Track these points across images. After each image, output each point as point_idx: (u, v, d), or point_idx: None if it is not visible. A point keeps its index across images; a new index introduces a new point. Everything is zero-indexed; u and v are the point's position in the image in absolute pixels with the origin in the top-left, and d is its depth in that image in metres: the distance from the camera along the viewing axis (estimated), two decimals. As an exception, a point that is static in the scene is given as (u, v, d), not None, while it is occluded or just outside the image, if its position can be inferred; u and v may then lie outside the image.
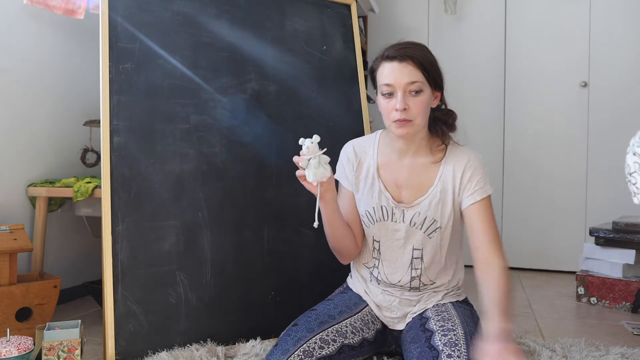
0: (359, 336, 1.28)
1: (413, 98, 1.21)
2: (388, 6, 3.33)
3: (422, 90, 1.21)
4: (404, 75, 1.20)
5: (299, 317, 1.31)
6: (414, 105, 1.21)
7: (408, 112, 1.21)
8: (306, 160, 1.17)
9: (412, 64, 1.20)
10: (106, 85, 1.53)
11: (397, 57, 1.21)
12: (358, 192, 1.39)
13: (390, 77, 1.22)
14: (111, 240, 1.46)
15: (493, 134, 3.07)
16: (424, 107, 1.22)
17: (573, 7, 2.92)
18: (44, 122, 2.13)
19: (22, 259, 1.98)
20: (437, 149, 1.32)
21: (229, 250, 1.63)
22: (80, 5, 2.13)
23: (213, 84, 1.68)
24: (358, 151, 1.40)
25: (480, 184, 1.27)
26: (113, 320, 1.42)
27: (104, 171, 1.49)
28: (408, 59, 1.20)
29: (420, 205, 1.30)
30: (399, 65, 1.21)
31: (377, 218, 1.35)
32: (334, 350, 1.20)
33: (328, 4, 1.97)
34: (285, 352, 1.16)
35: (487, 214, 1.26)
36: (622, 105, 2.82)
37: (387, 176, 1.34)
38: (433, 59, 1.25)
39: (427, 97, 1.23)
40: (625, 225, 2.22)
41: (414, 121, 1.22)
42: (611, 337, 1.78)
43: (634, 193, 1.12)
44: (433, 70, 1.23)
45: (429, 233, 1.32)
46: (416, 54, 1.21)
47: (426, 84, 1.22)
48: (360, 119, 1.94)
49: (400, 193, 1.33)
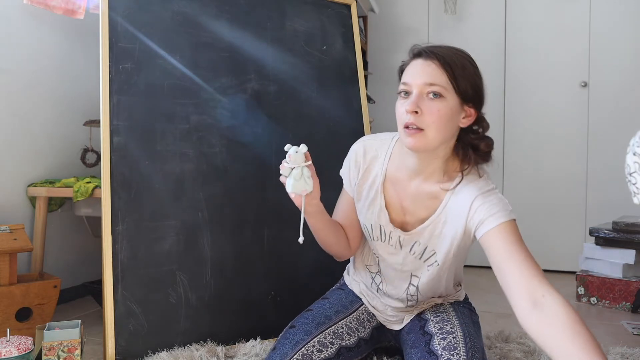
0: (355, 336, 1.27)
1: (429, 102, 1.03)
2: (388, 6, 3.32)
3: (442, 95, 1.02)
4: (424, 74, 1.03)
5: (295, 318, 1.29)
6: (428, 111, 1.02)
7: (419, 117, 1.02)
8: (289, 169, 1.10)
9: (437, 64, 1.03)
10: (106, 85, 1.53)
11: (423, 54, 1.06)
12: (359, 201, 1.25)
13: (407, 75, 1.06)
14: (111, 240, 1.46)
15: (493, 134, 3.03)
16: (441, 117, 1.02)
17: (573, 7, 2.92)
18: (44, 122, 2.13)
19: (22, 259, 1.98)
20: (452, 175, 1.11)
21: (229, 250, 1.62)
22: (80, 5, 2.13)
23: (213, 84, 1.68)
24: (368, 154, 1.22)
25: (494, 210, 1.04)
26: (113, 320, 1.42)
27: (104, 171, 1.49)
28: (434, 57, 1.04)
29: (421, 235, 1.16)
30: (423, 63, 1.05)
31: (375, 237, 1.25)
32: (333, 353, 1.19)
33: (328, 4, 1.97)
34: (284, 356, 1.14)
35: (513, 236, 1.01)
36: (622, 105, 2.82)
37: (392, 193, 1.19)
38: (470, 67, 1.07)
39: (448, 105, 1.03)
40: (625, 225, 2.22)
41: (425, 131, 1.03)
42: (611, 337, 1.78)
43: (634, 193, 1.12)
44: (464, 78, 1.04)
45: (428, 264, 1.20)
46: (446, 54, 1.04)
47: (450, 90, 1.03)
48: (360, 119, 1.94)
49: (403, 215, 1.20)
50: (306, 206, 1.13)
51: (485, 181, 1.10)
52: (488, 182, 1.10)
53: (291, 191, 1.10)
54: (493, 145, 1.11)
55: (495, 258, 1.01)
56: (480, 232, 1.04)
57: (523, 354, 1.50)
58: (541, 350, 1.51)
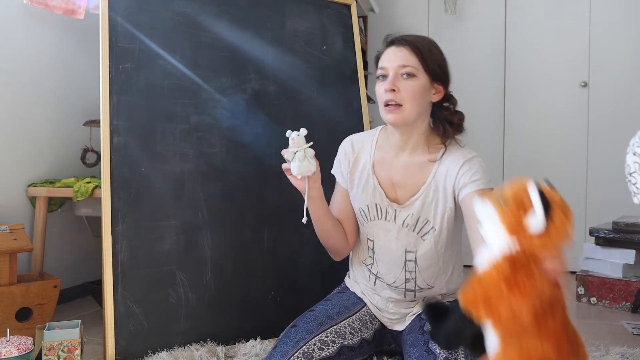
0: (358, 336, 1.27)
1: (404, 81, 1.19)
2: (388, 6, 3.33)
3: (414, 75, 1.19)
4: (398, 58, 1.20)
5: (297, 318, 1.30)
6: (403, 88, 1.19)
7: (397, 94, 1.19)
8: (292, 153, 1.17)
9: (407, 49, 1.20)
10: (106, 85, 1.53)
11: (395, 41, 1.23)
12: (352, 189, 1.36)
13: (383, 60, 1.23)
14: (111, 240, 1.46)
15: (493, 134, 3.07)
16: (415, 92, 1.19)
17: (573, 7, 2.92)
18: (44, 122, 2.13)
19: (22, 259, 1.98)
20: (436, 147, 1.27)
21: (229, 250, 1.62)
22: (80, 5, 2.13)
23: (213, 84, 1.68)
24: (356, 146, 1.37)
25: (476, 177, 1.19)
26: (113, 320, 1.42)
27: (104, 171, 1.49)
28: (405, 43, 1.21)
29: (413, 205, 1.26)
30: (395, 49, 1.22)
31: (372, 216, 1.32)
32: (334, 351, 1.19)
33: (328, 4, 1.97)
34: (284, 354, 1.15)
35: None
36: (622, 105, 2.82)
37: (382, 173, 1.31)
38: (436, 51, 1.23)
39: (420, 83, 1.20)
40: (625, 225, 2.22)
41: (403, 106, 1.19)
42: (611, 337, 1.78)
43: (634, 193, 1.12)
44: (432, 59, 1.21)
45: (422, 235, 1.27)
46: (416, 40, 1.21)
47: (421, 70, 1.20)
48: (360, 119, 1.94)
49: (395, 191, 1.29)
50: (310, 190, 1.21)
51: (468, 149, 1.26)
52: (470, 151, 1.25)
53: (297, 173, 1.17)
54: (464, 118, 1.28)
55: (468, 221, 1.18)
56: (461, 195, 1.20)
57: (523, 354, 1.49)
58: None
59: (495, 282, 0.68)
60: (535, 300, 0.67)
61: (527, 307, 0.66)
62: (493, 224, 0.74)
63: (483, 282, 0.70)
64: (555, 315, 0.69)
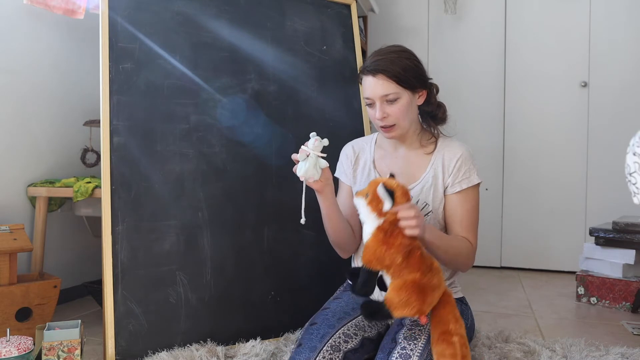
0: (375, 329, 1.30)
1: (390, 106, 1.30)
2: (388, 6, 3.32)
3: (398, 98, 1.30)
4: (378, 88, 1.29)
5: (313, 317, 1.31)
6: (392, 112, 1.31)
7: (388, 119, 1.31)
8: (305, 154, 1.20)
9: (384, 77, 1.28)
10: (106, 85, 1.53)
11: (372, 71, 1.30)
12: (355, 184, 1.46)
13: (367, 91, 1.33)
14: (111, 240, 1.46)
15: (493, 134, 3.07)
16: (403, 112, 1.31)
17: (573, 7, 2.92)
18: (44, 122, 2.13)
19: (22, 259, 1.98)
20: (428, 142, 1.41)
21: (229, 250, 1.63)
22: (80, 5, 2.13)
23: (213, 84, 1.68)
24: (356, 149, 1.50)
25: (466, 175, 1.35)
26: (113, 320, 1.42)
27: (104, 171, 1.49)
28: (380, 73, 1.29)
29: (413, 190, 1.37)
30: (374, 80, 1.30)
31: None
32: (357, 343, 1.22)
33: (328, 4, 1.97)
34: (313, 350, 1.16)
35: (469, 203, 1.35)
36: (622, 105, 2.82)
37: (383, 166, 1.43)
38: (407, 64, 1.30)
39: (405, 102, 1.31)
40: (625, 225, 2.22)
41: (397, 125, 1.32)
42: (611, 337, 1.78)
43: (634, 193, 1.12)
44: (407, 77, 1.29)
45: None
46: (388, 67, 1.28)
47: (402, 91, 1.30)
48: (360, 119, 1.94)
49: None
50: (324, 186, 1.28)
51: (458, 142, 1.40)
52: (461, 144, 1.40)
53: (302, 174, 1.21)
54: (446, 109, 1.41)
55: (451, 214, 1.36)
56: (449, 190, 1.36)
57: (523, 354, 1.50)
58: (541, 350, 1.52)
59: (377, 245, 1.08)
60: (401, 249, 1.07)
61: (398, 254, 1.07)
62: (366, 211, 1.12)
63: (371, 247, 1.09)
64: (415, 254, 1.09)
